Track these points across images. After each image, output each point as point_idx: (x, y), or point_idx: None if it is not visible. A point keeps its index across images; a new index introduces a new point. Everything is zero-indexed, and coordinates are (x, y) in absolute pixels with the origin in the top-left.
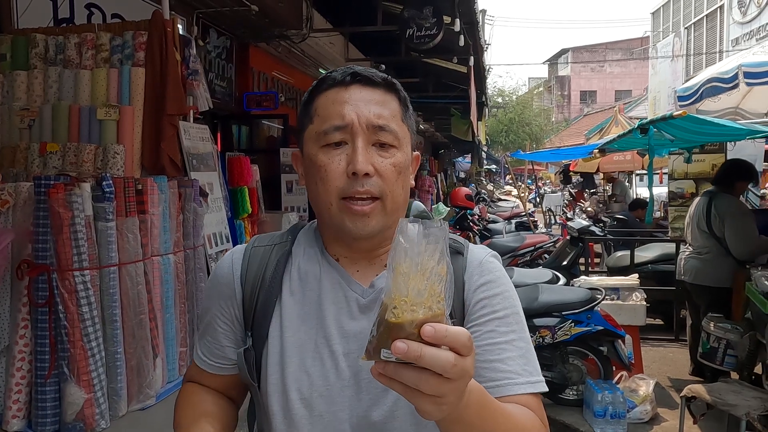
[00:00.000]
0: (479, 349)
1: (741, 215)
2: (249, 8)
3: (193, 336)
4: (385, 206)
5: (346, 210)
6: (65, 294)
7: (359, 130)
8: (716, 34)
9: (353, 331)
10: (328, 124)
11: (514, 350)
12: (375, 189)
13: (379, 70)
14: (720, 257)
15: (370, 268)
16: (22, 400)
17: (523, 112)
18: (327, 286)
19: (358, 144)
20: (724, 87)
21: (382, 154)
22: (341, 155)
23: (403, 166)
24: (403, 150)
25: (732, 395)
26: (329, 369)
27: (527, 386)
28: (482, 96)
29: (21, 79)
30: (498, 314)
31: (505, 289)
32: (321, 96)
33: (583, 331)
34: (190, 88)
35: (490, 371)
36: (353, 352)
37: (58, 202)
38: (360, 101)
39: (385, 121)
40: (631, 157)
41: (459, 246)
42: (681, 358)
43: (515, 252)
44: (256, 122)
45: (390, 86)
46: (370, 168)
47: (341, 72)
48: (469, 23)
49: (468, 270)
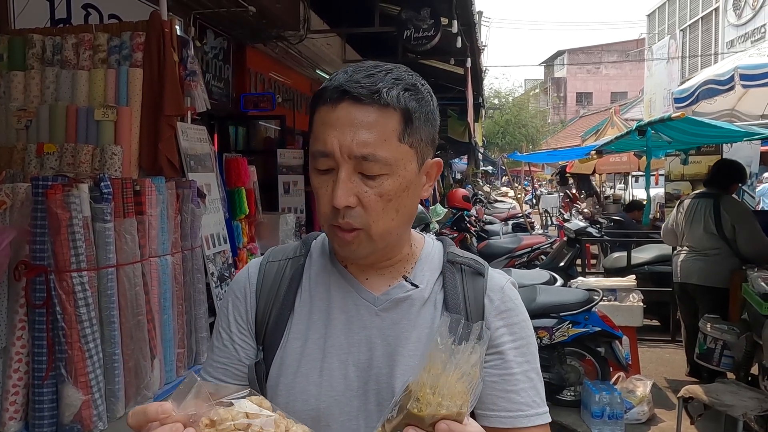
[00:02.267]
0: (495, 377)
1: (752, 218)
2: (246, 9)
3: (191, 337)
4: (370, 235)
5: (333, 235)
6: (63, 295)
7: (341, 159)
8: (711, 36)
9: (363, 340)
10: (316, 148)
11: (527, 381)
12: (356, 221)
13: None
14: (728, 258)
15: (380, 276)
16: (19, 401)
17: (520, 113)
18: (336, 295)
19: (341, 175)
20: (720, 89)
21: (368, 182)
22: (329, 182)
23: (396, 191)
24: (398, 174)
25: (729, 396)
26: (337, 379)
27: (536, 418)
28: (479, 97)
29: (18, 79)
30: (516, 343)
31: (523, 318)
32: (317, 113)
33: (581, 332)
34: (187, 89)
35: (505, 401)
36: (362, 362)
37: (55, 203)
38: (346, 125)
39: (370, 149)
40: (628, 159)
41: (480, 267)
42: (678, 358)
43: (512, 253)
44: (254, 123)
45: (385, 103)
46: (350, 200)
47: (333, 87)
48: (466, 25)
49: (489, 294)
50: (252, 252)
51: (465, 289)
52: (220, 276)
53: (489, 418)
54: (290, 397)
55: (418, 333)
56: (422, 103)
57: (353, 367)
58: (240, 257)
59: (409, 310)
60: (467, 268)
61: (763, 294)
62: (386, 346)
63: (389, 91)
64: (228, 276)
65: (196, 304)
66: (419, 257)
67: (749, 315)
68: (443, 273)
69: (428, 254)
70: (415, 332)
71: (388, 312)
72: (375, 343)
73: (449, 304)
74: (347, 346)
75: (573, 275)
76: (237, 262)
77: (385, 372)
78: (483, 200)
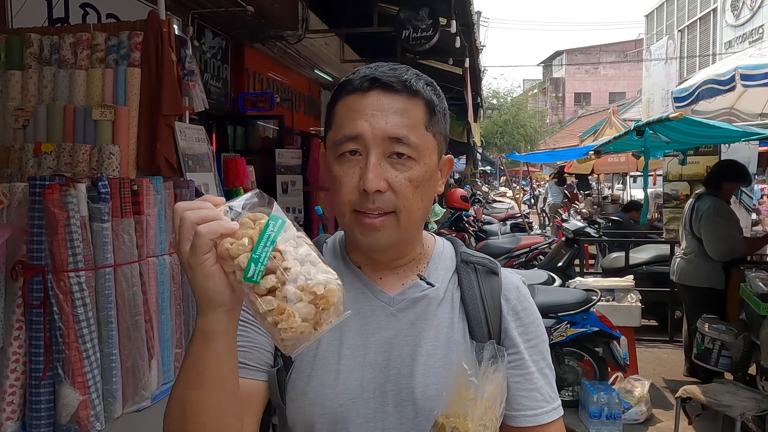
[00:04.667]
0: (518, 377)
1: (716, 216)
2: (245, 9)
3: (188, 337)
4: (399, 220)
5: (357, 222)
6: (60, 295)
7: (372, 142)
8: (709, 36)
9: (379, 341)
10: (342, 134)
11: (543, 378)
12: (387, 205)
13: (404, 71)
14: (701, 257)
15: (393, 275)
16: (16, 402)
17: (518, 113)
18: (350, 296)
19: (371, 159)
20: (720, 89)
21: (397, 167)
22: (355, 167)
23: (422, 179)
24: (424, 162)
25: (727, 396)
26: (354, 381)
27: (554, 413)
28: (477, 97)
29: (15, 79)
30: (532, 342)
31: (537, 317)
32: (341, 102)
33: (579, 332)
34: (186, 89)
35: (529, 400)
36: (380, 363)
37: (53, 203)
38: (377, 110)
39: (402, 132)
40: (626, 159)
41: (494, 267)
42: (676, 359)
43: (510, 253)
44: (252, 123)
45: (414, 92)
46: (381, 185)
47: (361, 76)
48: (464, 25)
49: (505, 293)
50: None
51: (482, 289)
52: None
53: (515, 417)
54: (305, 401)
55: (435, 332)
56: (440, 99)
57: (370, 368)
58: None
59: (426, 310)
60: (482, 268)
61: (761, 294)
62: (404, 346)
63: (416, 82)
64: None
65: (194, 304)
66: (431, 256)
67: (747, 315)
68: (458, 272)
69: (440, 253)
70: (433, 331)
71: (405, 312)
72: (392, 344)
73: (467, 304)
74: (363, 348)
75: (571, 275)
76: None
77: (404, 373)
78: (481, 200)
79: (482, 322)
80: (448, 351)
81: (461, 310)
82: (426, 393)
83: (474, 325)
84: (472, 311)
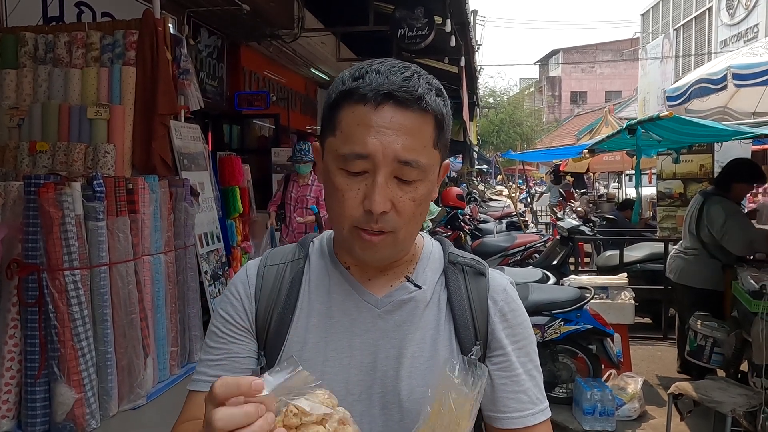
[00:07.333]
0: (504, 379)
1: (730, 216)
2: (240, 8)
3: (184, 336)
4: (397, 238)
5: (356, 237)
6: (55, 293)
7: (382, 163)
8: (705, 35)
9: (365, 343)
10: (350, 150)
11: (531, 380)
12: (389, 225)
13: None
14: (703, 259)
15: (382, 277)
16: (12, 400)
17: (514, 112)
18: (337, 298)
19: (379, 179)
20: (713, 88)
21: (403, 187)
22: (360, 184)
23: (425, 196)
24: (428, 179)
25: (718, 392)
26: (338, 383)
27: (540, 415)
28: (473, 96)
29: (10, 77)
30: (519, 344)
31: (525, 318)
32: (348, 108)
33: (573, 329)
34: (181, 88)
35: (515, 402)
36: (366, 366)
37: (48, 202)
38: (389, 129)
39: (412, 156)
40: (621, 158)
41: (482, 268)
42: (669, 356)
43: (506, 251)
44: (248, 122)
45: (425, 108)
46: (387, 206)
47: (374, 87)
48: (460, 24)
49: (492, 295)
50: (246, 250)
51: (469, 291)
52: (214, 274)
53: (501, 419)
54: None
55: (421, 334)
56: (447, 108)
57: (356, 370)
58: (234, 256)
59: (413, 312)
60: (469, 269)
61: (752, 291)
62: (390, 348)
63: (430, 96)
64: (221, 275)
65: (190, 303)
66: (420, 257)
67: (739, 312)
68: (445, 273)
69: (428, 254)
70: (419, 333)
71: (391, 314)
72: (379, 346)
73: (454, 305)
74: (349, 350)
75: (566, 273)
76: (231, 260)
77: (390, 375)
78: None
79: (469, 324)
80: (434, 353)
81: (448, 312)
82: (412, 395)
83: (460, 327)
84: (458, 313)
